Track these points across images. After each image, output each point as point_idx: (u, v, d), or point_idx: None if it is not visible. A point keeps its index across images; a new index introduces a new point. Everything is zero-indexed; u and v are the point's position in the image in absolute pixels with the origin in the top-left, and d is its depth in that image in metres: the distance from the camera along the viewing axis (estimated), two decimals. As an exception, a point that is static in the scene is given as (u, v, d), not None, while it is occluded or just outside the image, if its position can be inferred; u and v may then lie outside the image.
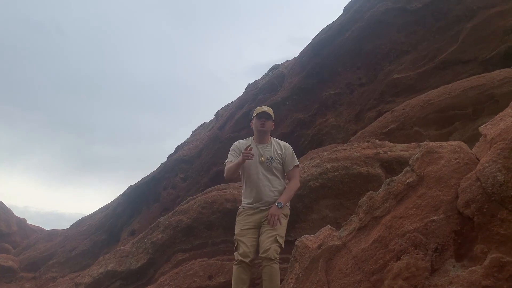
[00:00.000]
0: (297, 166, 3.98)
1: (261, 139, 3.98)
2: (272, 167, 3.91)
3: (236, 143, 4.10)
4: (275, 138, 4.11)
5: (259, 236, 3.82)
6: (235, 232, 3.90)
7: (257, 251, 3.76)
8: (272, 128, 4.05)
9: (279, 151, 3.97)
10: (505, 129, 2.30)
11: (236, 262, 3.67)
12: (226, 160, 4.02)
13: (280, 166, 3.96)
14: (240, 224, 3.93)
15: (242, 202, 4.06)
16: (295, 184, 3.93)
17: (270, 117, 3.97)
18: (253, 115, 4.03)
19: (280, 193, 3.89)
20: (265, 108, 4.02)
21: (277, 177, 3.95)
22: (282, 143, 4.08)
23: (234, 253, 3.76)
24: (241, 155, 3.71)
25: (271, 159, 3.92)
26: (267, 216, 3.72)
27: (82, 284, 5.83)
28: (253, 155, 3.69)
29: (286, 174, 4.01)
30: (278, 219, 3.66)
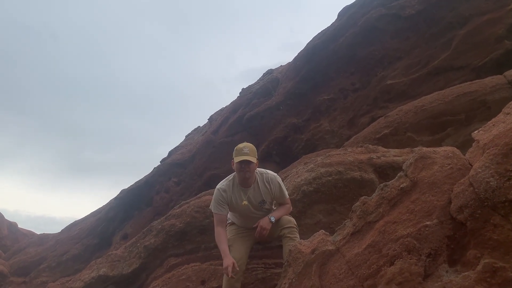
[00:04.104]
0: (288, 199, 3.91)
1: (245, 183, 3.72)
2: (263, 208, 3.82)
3: (221, 191, 3.75)
4: (259, 171, 3.82)
5: (251, 245, 3.84)
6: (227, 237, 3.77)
7: (248, 257, 3.76)
8: (257, 167, 3.75)
9: (266, 191, 3.76)
10: (497, 135, 2.31)
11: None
12: (214, 211, 3.75)
13: (270, 203, 3.90)
14: (234, 230, 3.90)
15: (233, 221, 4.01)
16: (288, 208, 3.89)
17: (252, 162, 3.59)
18: (234, 156, 3.65)
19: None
20: (245, 150, 3.58)
21: (266, 211, 3.86)
22: (266, 177, 3.78)
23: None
24: (225, 269, 3.37)
25: (263, 202, 3.78)
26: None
27: (73, 289, 5.78)
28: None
29: (277, 203, 3.95)
30: (264, 234, 3.61)
